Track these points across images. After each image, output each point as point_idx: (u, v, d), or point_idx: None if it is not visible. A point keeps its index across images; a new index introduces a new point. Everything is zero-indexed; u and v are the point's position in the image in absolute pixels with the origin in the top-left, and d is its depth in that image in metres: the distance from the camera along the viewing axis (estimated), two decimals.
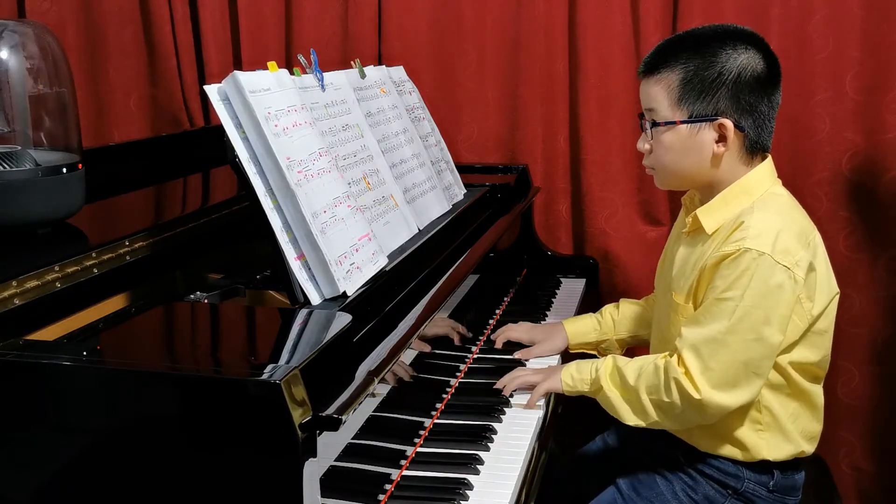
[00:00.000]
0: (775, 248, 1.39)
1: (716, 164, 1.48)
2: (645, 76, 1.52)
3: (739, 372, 1.41)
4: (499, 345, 1.81)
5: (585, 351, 1.84)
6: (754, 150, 1.49)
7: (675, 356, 1.46)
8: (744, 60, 1.45)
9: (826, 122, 2.23)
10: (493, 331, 1.92)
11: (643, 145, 1.54)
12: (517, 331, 1.83)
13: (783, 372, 1.49)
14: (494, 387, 1.63)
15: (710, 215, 1.50)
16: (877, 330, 2.31)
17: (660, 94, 1.48)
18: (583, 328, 1.83)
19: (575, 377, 1.58)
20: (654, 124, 1.50)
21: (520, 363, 1.75)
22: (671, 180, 1.56)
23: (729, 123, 1.45)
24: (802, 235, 1.46)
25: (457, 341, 1.72)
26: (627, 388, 1.50)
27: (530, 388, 1.61)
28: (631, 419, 1.50)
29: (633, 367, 1.50)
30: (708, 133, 1.47)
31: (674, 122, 1.47)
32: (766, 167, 1.52)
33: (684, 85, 1.46)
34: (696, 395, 1.41)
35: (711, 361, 1.41)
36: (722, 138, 1.46)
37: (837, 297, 1.53)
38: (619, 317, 1.83)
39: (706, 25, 1.52)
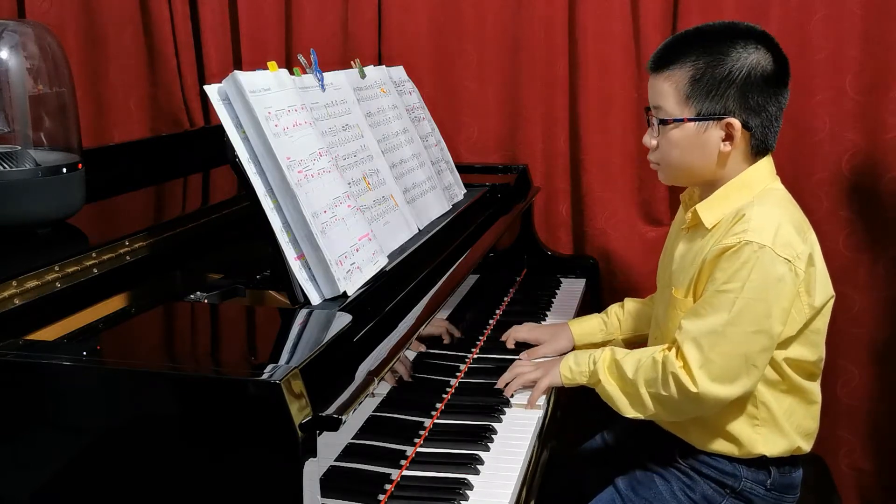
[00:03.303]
0: (776, 241, 1.40)
1: (721, 162, 1.49)
2: (654, 72, 1.51)
3: (739, 364, 1.41)
4: (510, 345, 1.81)
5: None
6: (759, 150, 1.50)
7: (674, 350, 1.46)
8: (753, 60, 1.44)
9: (826, 122, 2.23)
10: (494, 330, 1.92)
11: (650, 141, 1.54)
12: (523, 331, 1.83)
13: (779, 368, 1.49)
14: (495, 387, 1.63)
15: (710, 210, 1.51)
16: (877, 330, 2.31)
17: (668, 91, 1.48)
18: (588, 329, 1.83)
19: (573, 369, 1.59)
20: (663, 121, 1.50)
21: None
22: (676, 176, 1.56)
23: (737, 123, 1.45)
24: (801, 230, 1.47)
25: (446, 340, 1.71)
26: (626, 381, 1.50)
27: (531, 385, 1.62)
28: (629, 411, 1.51)
29: (631, 360, 1.51)
30: (715, 131, 1.47)
31: (682, 120, 1.48)
32: (767, 163, 1.53)
33: (693, 83, 1.46)
34: (694, 389, 1.42)
35: (712, 353, 1.41)
36: (729, 137, 1.47)
37: (833, 299, 1.53)
38: (623, 316, 1.84)
39: (716, 22, 1.51)
